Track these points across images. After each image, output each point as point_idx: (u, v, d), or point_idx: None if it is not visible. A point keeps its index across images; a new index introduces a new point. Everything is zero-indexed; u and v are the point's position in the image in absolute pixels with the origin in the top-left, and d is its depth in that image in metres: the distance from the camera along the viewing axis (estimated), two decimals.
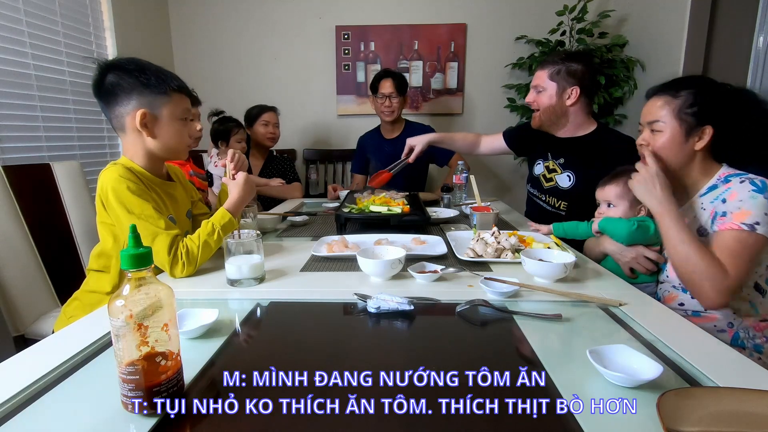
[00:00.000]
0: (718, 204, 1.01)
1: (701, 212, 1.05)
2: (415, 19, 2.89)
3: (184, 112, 1.09)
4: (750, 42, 2.21)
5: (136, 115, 1.02)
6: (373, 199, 1.61)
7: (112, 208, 1.00)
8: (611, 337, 0.74)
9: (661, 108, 1.06)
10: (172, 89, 1.05)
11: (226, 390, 0.58)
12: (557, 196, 1.63)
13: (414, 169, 2.49)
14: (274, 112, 2.37)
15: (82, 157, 2.11)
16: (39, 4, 1.89)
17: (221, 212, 1.10)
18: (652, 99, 1.09)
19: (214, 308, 0.76)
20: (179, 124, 1.08)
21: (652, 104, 1.09)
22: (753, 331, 1.00)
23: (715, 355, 0.67)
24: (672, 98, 1.04)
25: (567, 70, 1.52)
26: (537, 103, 1.60)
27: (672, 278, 1.07)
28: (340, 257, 1.14)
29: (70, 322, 0.82)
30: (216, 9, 2.93)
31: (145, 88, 1.02)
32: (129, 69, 1.03)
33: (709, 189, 1.06)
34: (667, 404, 0.48)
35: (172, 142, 1.08)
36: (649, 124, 1.08)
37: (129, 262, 0.51)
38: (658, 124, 1.06)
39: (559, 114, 1.57)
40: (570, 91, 1.53)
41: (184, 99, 1.09)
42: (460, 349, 0.71)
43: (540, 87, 1.58)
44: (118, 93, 1.03)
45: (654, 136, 1.07)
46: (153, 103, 1.04)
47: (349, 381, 0.61)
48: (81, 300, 1.12)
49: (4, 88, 1.72)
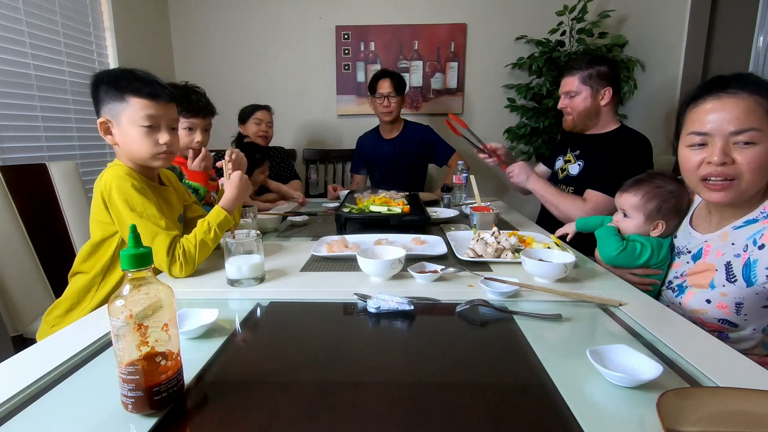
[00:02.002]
0: (752, 248, 0.86)
1: (729, 246, 0.91)
2: (415, 19, 2.89)
3: (147, 118, 1.02)
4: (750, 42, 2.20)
5: (99, 125, 1.04)
6: (373, 199, 1.61)
7: (114, 204, 1.00)
8: (611, 337, 0.74)
9: (753, 111, 0.82)
10: (128, 94, 1.01)
11: (226, 390, 0.58)
12: (567, 182, 1.71)
13: (413, 169, 2.51)
14: (266, 110, 2.35)
15: (81, 158, 2.11)
16: (39, 4, 1.89)
17: (216, 210, 1.10)
18: (732, 99, 0.85)
19: (214, 308, 0.76)
20: (140, 130, 1.02)
21: (736, 104, 0.84)
22: None
23: (715, 355, 0.67)
24: (765, 99, 0.83)
25: (598, 73, 1.59)
26: (571, 108, 1.65)
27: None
28: (340, 257, 1.14)
29: (53, 331, 0.82)
30: (216, 9, 2.93)
31: (107, 96, 1.03)
32: (104, 78, 1.03)
33: (746, 223, 0.90)
34: (667, 404, 0.48)
35: (134, 150, 1.05)
36: (734, 134, 0.84)
37: (129, 262, 0.51)
38: (755, 134, 0.82)
39: (593, 115, 1.64)
40: (603, 92, 1.60)
41: (146, 105, 1.02)
42: (460, 349, 0.71)
43: (572, 92, 1.63)
44: (97, 104, 1.05)
45: (743, 151, 0.84)
46: (112, 111, 1.03)
47: (349, 381, 0.61)
48: (60, 307, 1.11)
49: (4, 88, 1.72)
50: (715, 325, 0.92)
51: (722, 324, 0.91)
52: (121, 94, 1.02)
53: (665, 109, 2.45)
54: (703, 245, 0.97)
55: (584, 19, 2.58)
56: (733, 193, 0.87)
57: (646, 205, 1.06)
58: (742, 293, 0.87)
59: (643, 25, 2.60)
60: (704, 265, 0.95)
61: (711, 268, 0.93)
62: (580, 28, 2.61)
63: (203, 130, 1.57)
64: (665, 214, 1.06)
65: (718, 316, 0.91)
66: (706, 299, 0.92)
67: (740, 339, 0.92)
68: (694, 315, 0.94)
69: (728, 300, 0.89)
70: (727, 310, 0.89)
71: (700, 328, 0.76)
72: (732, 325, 0.90)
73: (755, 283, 0.85)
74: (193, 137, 1.56)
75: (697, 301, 0.94)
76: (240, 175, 1.19)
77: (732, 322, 0.90)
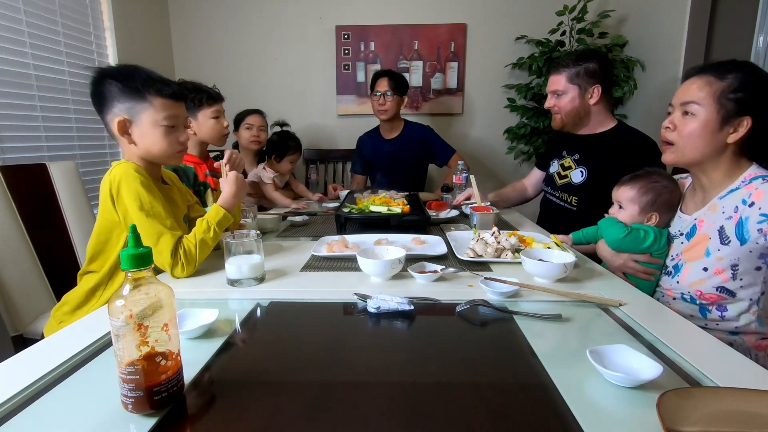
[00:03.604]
0: (742, 208, 0.92)
1: (720, 213, 0.97)
2: (415, 19, 2.89)
3: (168, 118, 1.05)
4: (750, 42, 2.21)
5: (115, 123, 1.03)
6: (373, 199, 1.61)
7: (122, 200, 1.00)
8: (611, 337, 0.74)
9: (700, 89, 0.95)
10: (152, 94, 1.03)
11: (226, 390, 0.58)
12: (569, 191, 1.63)
13: (413, 169, 2.51)
14: (258, 115, 2.27)
15: (81, 158, 2.11)
16: (39, 4, 1.89)
17: (215, 209, 1.10)
18: (692, 79, 0.99)
19: (214, 308, 0.76)
20: (161, 130, 1.04)
21: (689, 84, 0.98)
22: (755, 351, 0.98)
23: (715, 355, 0.67)
24: (716, 80, 0.94)
25: (586, 71, 1.53)
26: (558, 107, 1.61)
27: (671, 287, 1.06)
28: (340, 257, 1.14)
29: (60, 327, 0.82)
30: (216, 9, 2.93)
31: (124, 95, 1.02)
32: (115, 76, 1.03)
33: (730, 191, 0.97)
34: (667, 404, 0.48)
35: (155, 149, 1.06)
36: (682, 105, 0.98)
37: (129, 262, 0.51)
38: (693, 106, 0.96)
39: (582, 114, 1.59)
40: (592, 90, 1.54)
41: (168, 105, 1.05)
42: (460, 349, 0.71)
43: (559, 91, 1.58)
44: (105, 101, 1.04)
45: (685, 120, 0.97)
46: (132, 110, 1.03)
47: (349, 381, 0.61)
48: (69, 304, 1.11)
49: (4, 88, 1.72)
50: (714, 295, 0.97)
51: (720, 293, 0.96)
52: (143, 93, 1.02)
53: (665, 109, 2.45)
54: (695, 222, 1.03)
55: (584, 19, 2.58)
56: (673, 155, 1.02)
57: (641, 198, 1.12)
58: (737, 253, 0.93)
59: (643, 25, 2.60)
60: (698, 237, 1.01)
61: (705, 238, 0.99)
62: (580, 28, 2.61)
63: (222, 114, 1.69)
64: (659, 206, 1.12)
65: (716, 283, 0.96)
66: (703, 267, 0.98)
67: (738, 312, 0.96)
68: (693, 289, 0.99)
69: (724, 264, 0.95)
70: (723, 275, 0.95)
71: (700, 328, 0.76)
72: (730, 294, 0.96)
73: (748, 239, 0.91)
74: (223, 122, 1.69)
75: (695, 273, 1.00)
76: (236, 174, 1.19)
77: (729, 290, 0.96)
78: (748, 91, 0.92)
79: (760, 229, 0.90)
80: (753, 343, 0.98)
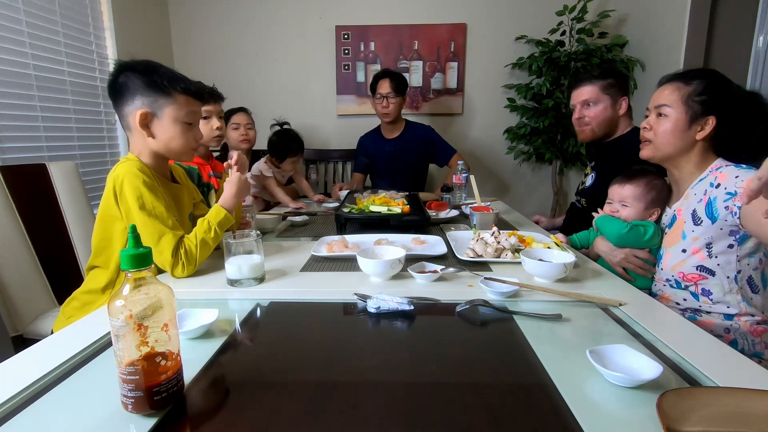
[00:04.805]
0: (710, 190, 1.02)
1: (692, 199, 1.07)
2: (415, 19, 2.89)
3: (189, 115, 1.08)
4: (750, 42, 2.21)
5: (137, 115, 1.03)
6: (373, 199, 1.61)
7: (125, 199, 1.00)
8: (611, 337, 0.74)
9: (671, 93, 1.08)
10: (177, 91, 1.05)
11: (226, 390, 0.58)
12: (582, 195, 1.71)
13: (414, 169, 2.51)
14: (243, 113, 2.20)
15: (81, 158, 2.11)
16: (39, 4, 1.89)
17: (216, 209, 1.10)
18: (664, 85, 1.12)
19: (214, 308, 0.76)
20: (182, 126, 1.07)
21: (662, 90, 1.12)
22: (751, 336, 1.00)
23: (715, 355, 0.67)
24: (683, 85, 1.07)
25: (616, 83, 1.59)
26: (589, 117, 1.63)
27: (663, 274, 1.11)
28: (340, 257, 1.14)
29: (69, 323, 0.82)
30: (216, 9, 2.93)
31: (148, 89, 1.04)
32: (139, 70, 1.04)
33: (700, 180, 1.08)
34: (667, 404, 0.48)
35: (173, 144, 1.08)
36: (656, 107, 1.11)
37: (129, 262, 0.51)
38: (665, 108, 1.09)
39: (612, 125, 1.63)
40: (621, 101, 1.60)
41: (190, 102, 1.08)
42: (460, 349, 0.71)
43: (591, 100, 1.61)
44: (126, 93, 1.04)
45: (659, 121, 1.10)
46: (155, 104, 1.05)
47: (349, 381, 0.61)
48: (79, 299, 1.12)
49: (4, 88, 1.72)
50: (695, 275, 1.05)
51: (701, 272, 1.05)
52: (167, 89, 1.04)
53: None
54: (675, 213, 1.13)
55: (584, 19, 2.58)
56: (649, 151, 1.14)
57: (647, 195, 1.17)
58: (709, 231, 1.02)
59: (643, 25, 2.59)
60: (676, 224, 1.11)
61: (681, 223, 1.09)
62: (580, 28, 2.61)
63: (218, 116, 1.61)
64: (661, 202, 1.19)
65: (695, 262, 1.05)
66: (682, 249, 1.08)
67: (722, 292, 1.02)
68: (676, 272, 1.08)
69: (699, 243, 1.04)
70: (700, 254, 1.04)
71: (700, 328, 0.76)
72: (709, 272, 1.04)
73: (717, 217, 0.99)
74: (212, 123, 1.60)
75: (675, 255, 1.09)
76: (239, 175, 1.19)
77: (707, 268, 1.04)
78: (711, 94, 1.05)
79: (727, 207, 0.97)
80: (748, 328, 1.01)
